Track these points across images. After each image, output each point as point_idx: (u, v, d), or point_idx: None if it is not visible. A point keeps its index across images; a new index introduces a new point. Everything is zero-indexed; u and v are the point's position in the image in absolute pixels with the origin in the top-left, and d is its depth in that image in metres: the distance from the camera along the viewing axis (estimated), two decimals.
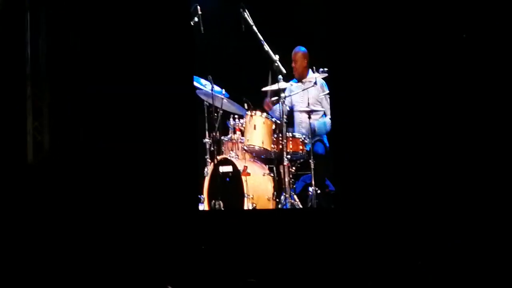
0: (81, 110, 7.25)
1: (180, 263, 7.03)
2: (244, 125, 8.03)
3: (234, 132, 8.04)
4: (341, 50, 8.19)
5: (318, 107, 8.22)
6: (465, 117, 8.13)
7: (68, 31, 7.29)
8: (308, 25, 8.42)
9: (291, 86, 8.27)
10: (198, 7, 8.03)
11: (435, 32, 8.20)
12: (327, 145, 8.26)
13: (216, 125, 7.96)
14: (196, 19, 8.02)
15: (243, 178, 7.77)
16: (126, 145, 7.28)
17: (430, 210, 7.84)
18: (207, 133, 7.98)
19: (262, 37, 8.16)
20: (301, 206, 7.90)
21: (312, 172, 7.89)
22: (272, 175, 7.96)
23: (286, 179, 7.87)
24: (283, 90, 8.06)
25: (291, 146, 7.99)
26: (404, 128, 8.11)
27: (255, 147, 7.98)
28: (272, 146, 7.98)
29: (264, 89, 8.23)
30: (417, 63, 8.20)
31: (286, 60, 8.24)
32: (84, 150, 7.19)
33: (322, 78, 8.19)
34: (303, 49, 8.31)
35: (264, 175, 7.95)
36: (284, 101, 8.01)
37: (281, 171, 7.94)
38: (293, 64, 8.31)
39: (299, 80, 8.32)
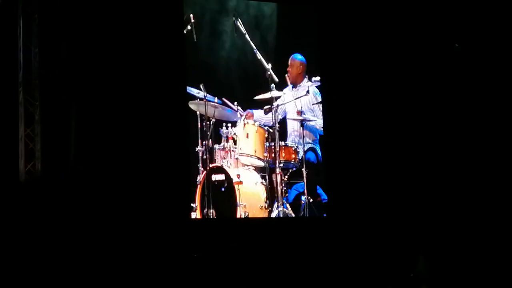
0: (73, 118, 7.21)
1: (172, 271, 7.00)
2: (236, 134, 8.01)
3: (227, 141, 8.02)
4: (333, 59, 8.24)
5: (310, 116, 8.21)
6: (456, 129, 8.20)
7: (60, 38, 7.26)
8: (301, 34, 8.44)
9: (284, 95, 8.26)
10: (191, 16, 8.01)
11: (428, 42, 8.28)
12: (319, 154, 8.26)
13: (209, 134, 7.93)
14: (189, 27, 8.00)
15: (236, 186, 7.75)
16: (118, 153, 7.24)
17: (423, 218, 7.88)
18: (199, 141, 7.94)
19: (255, 46, 8.15)
20: (293, 215, 7.88)
21: (305, 181, 7.88)
22: (264, 183, 7.95)
23: (279, 188, 7.86)
24: (276, 98, 8.06)
25: (283, 155, 8.00)
26: (396, 137, 8.16)
27: (248, 155, 7.97)
28: (265, 154, 7.97)
29: (256, 97, 8.22)
30: (409, 73, 8.27)
31: (279, 68, 8.24)
32: (76, 157, 7.14)
33: (316, 87, 8.20)
34: (300, 57, 8.32)
35: (256, 183, 7.92)
36: (276, 110, 8.01)
37: (274, 179, 7.93)
38: (288, 69, 8.32)
39: (294, 85, 8.31)
